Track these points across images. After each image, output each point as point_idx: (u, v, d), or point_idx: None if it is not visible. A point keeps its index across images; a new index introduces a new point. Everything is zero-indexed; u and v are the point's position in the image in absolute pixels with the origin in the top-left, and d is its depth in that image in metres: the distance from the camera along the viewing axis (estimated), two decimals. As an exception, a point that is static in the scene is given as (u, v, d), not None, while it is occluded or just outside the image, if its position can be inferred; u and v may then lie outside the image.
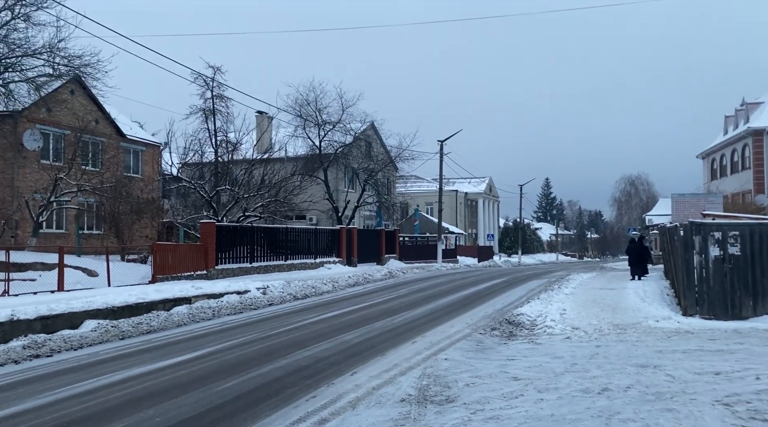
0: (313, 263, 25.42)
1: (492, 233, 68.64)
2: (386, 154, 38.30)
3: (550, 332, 10.91)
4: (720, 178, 44.08)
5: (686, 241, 11.40)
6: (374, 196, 35.86)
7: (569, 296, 15.67)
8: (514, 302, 16.17)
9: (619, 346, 9.65)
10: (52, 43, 20.86)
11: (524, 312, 12.36)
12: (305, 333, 11.55)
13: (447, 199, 64.11)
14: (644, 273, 21.64)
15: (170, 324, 12.58)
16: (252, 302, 15.60)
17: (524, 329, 11.44)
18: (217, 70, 26.70)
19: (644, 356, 8.89)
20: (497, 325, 12.04)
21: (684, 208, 33.92)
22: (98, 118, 26.08)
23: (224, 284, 15.89)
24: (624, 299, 14.55)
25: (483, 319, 13.28)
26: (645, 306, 12.91)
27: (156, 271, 16.63)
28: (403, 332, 11.60)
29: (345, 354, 9.57)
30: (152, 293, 13.15)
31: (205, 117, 26.99)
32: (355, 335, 11.34)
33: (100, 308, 11.52)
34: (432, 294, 18.79)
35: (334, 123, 32.79)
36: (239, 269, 20.60)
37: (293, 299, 17.10)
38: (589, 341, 10.15)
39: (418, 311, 14.71)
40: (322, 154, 33.22)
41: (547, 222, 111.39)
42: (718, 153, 44.99)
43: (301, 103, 32.49)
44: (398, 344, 10.41)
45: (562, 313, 12.23)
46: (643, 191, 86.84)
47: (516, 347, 9.96)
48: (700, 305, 11.44)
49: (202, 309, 13.93)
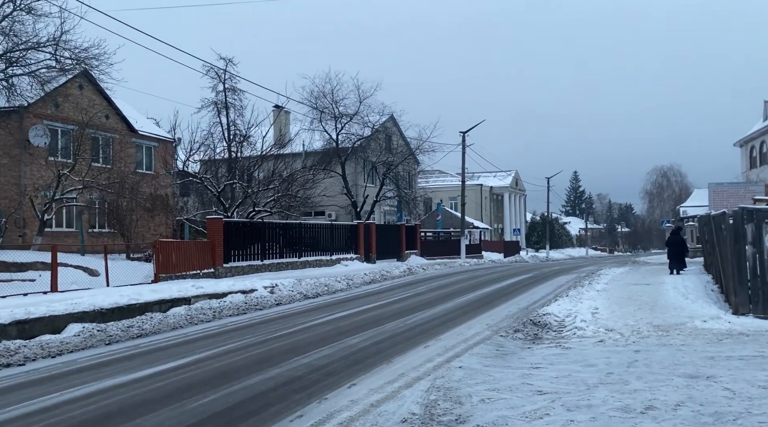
0: (329, 260, 24.40)
1: (518, 228, 66.95)
2: (406, 147, 37.10)
3: (581, 335, 9.66)
4: (760, 167, 41.77)
5: (737, 229, 10.01)
6: (394, 190, 34.67)
7: (601, 292, 14.32)
8: (540, 300, 14.90)
9: (661, 351, 8.36)
10: (57, 35, 20.20)
11: (551, 312, 11.10)
12: (308, 336, 10.50)
13: (471, 193, 62.67)
14: (683, 267, 20.11)
15: (165, 327, 11.65)
16: (258, 302, 14.63)
17: (551, 331, 10.20)
18: (230, 62, 25.92)
19: (693, 363, 7.60)
20: (521, 326, 10.82)
21: (723, 198, 32.05)
22: (108, 113, 25.45)
23: (228, 283, 14.94)
24: (663, 296, 13.16)
25: (505, 319, 12.07)
26: (688, 304, 11.53)
27: (158, 270, 15.77)
28: (415, 335, 10.47)
29: (346, 361, 8.48)
30: (147, 294, 12.24)
31: (217, 111, 26.21)
32: (362, 338, 10.24)
33: (87, 311, 10.63)
34: (451, 292, 17.60)
35: (351, 115, 31.72)
36: (249, 267, 19.67)
37: (303, 298, 16.09)
38: (626, 345, 8.88)
39: (434, 311, 13.56)
40: (340, 147, 32.18)
41: (575, 216, 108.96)
42: (758, 140, 42.65)
43: (317, 95, 31.52)
44: (408, 349, 9.29)
45: (593, 312, 10.95)
46: (675, 183, 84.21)
47: (541, 353, 8.75)
48: (753, 303, 10.05)
49: (202, 310, 12.99)
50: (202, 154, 22.67)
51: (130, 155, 25.54)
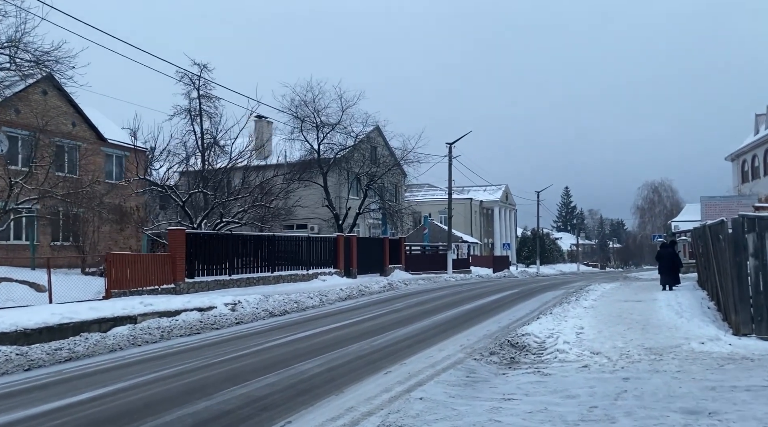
0: (306, 275, 23.16)
1: (508, 242, 65.84)
2: (392, 158, 36.05)
3: (563, 359, 8.51)
4: (752, 181, 41.03)
5: (737, 240, 8.95)
6: (378, 202, 33.54)
7: (588, 310, 13.20)
8: (523, 318, 13.76)
9: (654, 379, 7.23)
10: (16, 37, 19.08)
11: (531, 332, 9.95)
12: (257, 361, 9.30)
13: (461, 207, 61.59)
14: (676, 282, 19.03)
15: (101, 349, 10.41)
16: (216, 321, 13.39)
17: (530, 354, 9.05)
18: (204, 68, 24.84)
19: (692, 395, 6.46)
20: (497, 348, 9.67)
21: (715, 211, 31.06)
22: (75, 120, 24.25)
23: (184, 300, 13.70)
24: (656, 314, 12.05)
25: (482, 339, 10.91)
26: (683, 323, 10.42)
27: (111, 285, 14.52)
28: (378, 359, 9.29)
29: (290, 392, 7.30)
30: (85, 312, 11.00)
31: (190, 118, 25.09)
32: (318, 363, 9.06)
33: (6, 332, 9.38)
34: (430, 309, 16.42)
35: (334, 124, 30.64)
36: (215, 283, 18.39)
37: (268, 317, 14.87)
38: (613, 372, 7.74)
39: (406, 330, 12.38)
40: (321, 158, 31.07)
41: (567, 232, 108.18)
42: (749, 154, 41.99)
43: (297, 103, 30.46)
44: (366, 375, 8.12)
45: (578, 332, 9.82)
46: (666, 198, 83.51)
47: (517, 380, 7.60)
48: (756, 322, 8.95)
49: (148, 330, 11.75)
50: (168, 163, 21.51)
51: (96, 164, 24.29)
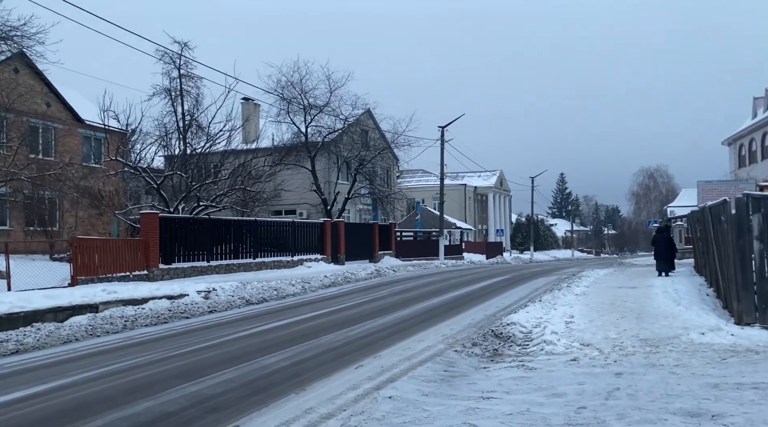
0: (290, 261, 22.39)
1: (502, 228, 65.17)
2: (383, 141, 35.15)
3: (550, 351, 7.79)
4: (750, 165, 40.35)
5: (740, 221, 8.21)
6: (368, 187, 32.70)
7: (580, 297, 12.49)
8: (511, 305, 13.04)
9: (650, 374, 6.52)
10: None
11: (517, 321, 9.22)
12: (218, 354, 8.56)
13: (455, 193, 60.80)
14: (671, 268, 18.36)
15: (54, 341, 9.65)
16: (186, 310, 12.63)
17: (515, 346, 8.33)
18: (185, 46, 23.88)
19: (692, 394, 5.75)
20: (480, 339, 8.94)
21: (712, 196, 30.37)
22: (50, 101, 23.28)
23: (153, 287, 12.93)
24: (651, 302, 11.35)
25: (466, 329, 10.19)
26: (681, 311, 9.72)
27: (77, 271, 13.72)
28: (351, 352, 8.56)
29: (245, 390, 6.56)
30: (39, 300, 10.22)
31: (171, 99, 24.15)
32: (284, 356, 8.32)
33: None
34: (415, 296, 15.71)
35: (321, 106, 29.68)
36: (192, 269, 17.59)
37: (245, 305, 14.11)
38: (605, 366, 7.03)
39: (387, 319, 11.66)
40: (309, 141, 30.16)
41: (562, 218, 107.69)
42: (747, 138, 41.27)
43: (284, 84, 29.44)
44: (334, 370, 7.39)
45: (568, 321, 9.10)
46: (662, 184, 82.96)
47: (498, 375, 6.88)
48: (760, 311, 8.25)
49: (110, 319, 10.98)
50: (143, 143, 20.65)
51: (72, 146, 23.33)
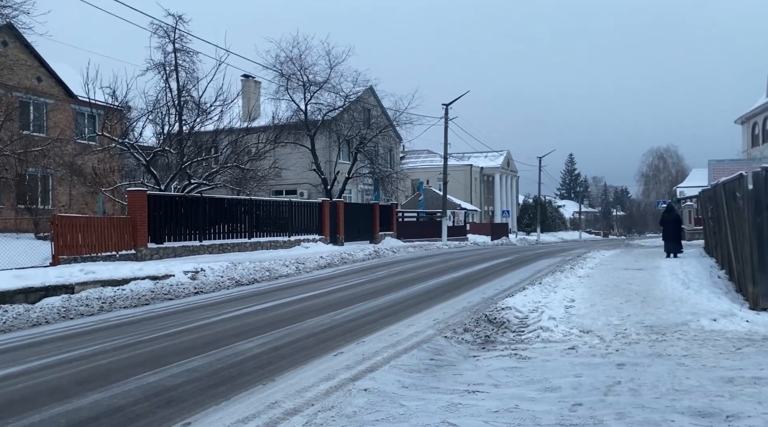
0: (287, 242, 21.82)
1: (508, 210, 64.38)
2: (384, 119, 34.33)
3: (547, 338, 7.16)
4: (763, 144, 39.22)
5: (758, 198, 7.50)
6: (368, 166, 31.98)
7: (583, 279, 11.84)
8: (510, 288, 12.41)
9: (655, 366, 5.88)
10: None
11: (513, 305, 8.59)
12: (191, 339, 7.99)
13: (461, 174, 59.95)
14: (680, 249, 17.64)
15: (23, 323, 9.14)
16: (171, 291, 12.10)
17: (509, 332, 7.70)
18: (180, 19, 23.07)
19: (703, 389, 5.11)
20: (473, 324, 8.32)
21: (723, 175, 29.53)
22: (41, 75, 22.64)
23: (135, 267, 12.39)
24: (658, 284, 10.68)
25: (460, 313, 9.58)
26: (690, 294, 9.05)
27: (58, 251, 13.19)
28: (334, 337, 7.98)
29: (209, 381, 5.98)
30: (8, 280, 9.71)
31: (165, 74, 23.42)
32: (262, 341, 7.75)
33: None
34: (412, 278, 15.11)
35: (321, 83, 28.87)
36: (183, 249, 17.05)
37: (234, 286, 13.57)
38: (605, 355, 6.40)
39: (378, 302, 11.07)
40: (309, 119, 29.41)
41: (570, 199, 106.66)
42: (761, 116, 40.05)
43: (283, 60, 28.63)
44: (312, 358, 6.81)
45: (568, 306, 8.46)
46: (672, 165, 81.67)
47: (488, 365, 6.27)
48: (778, 295, 7.57)
49: (86, 301, 10.46)
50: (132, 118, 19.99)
51: (62, 121, 22.69)
